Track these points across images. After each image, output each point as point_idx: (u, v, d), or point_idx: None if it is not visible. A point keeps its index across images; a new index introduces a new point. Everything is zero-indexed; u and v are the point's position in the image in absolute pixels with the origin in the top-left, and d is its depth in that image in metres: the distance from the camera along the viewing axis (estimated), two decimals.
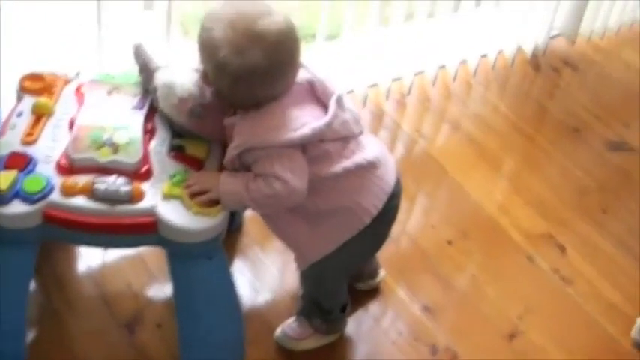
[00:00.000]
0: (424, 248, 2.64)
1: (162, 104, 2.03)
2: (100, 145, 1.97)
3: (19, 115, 2.10)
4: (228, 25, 1.88)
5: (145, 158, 1.99)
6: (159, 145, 2.05)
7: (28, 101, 2.12)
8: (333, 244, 2.06)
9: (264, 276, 2.48)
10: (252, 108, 1.94)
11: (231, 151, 1.96)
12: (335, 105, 1.98)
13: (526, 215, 2.81)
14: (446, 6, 3.17)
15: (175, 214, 1.93)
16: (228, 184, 1.95)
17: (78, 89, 2.17)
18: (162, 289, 2.35)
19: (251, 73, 1.89)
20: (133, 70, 2.16)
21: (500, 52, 3.46)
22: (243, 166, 1.97)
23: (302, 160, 1.94)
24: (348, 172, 2.01)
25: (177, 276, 2.04)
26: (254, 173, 1.94)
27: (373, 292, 2.48)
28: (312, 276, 2.16)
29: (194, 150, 2.06)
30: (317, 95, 2.01)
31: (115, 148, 1.98)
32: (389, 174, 2.09)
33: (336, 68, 2.94)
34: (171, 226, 1.92)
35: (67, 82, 2.20)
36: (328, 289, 2.21)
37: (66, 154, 1.98)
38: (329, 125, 1.95)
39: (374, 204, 2.04)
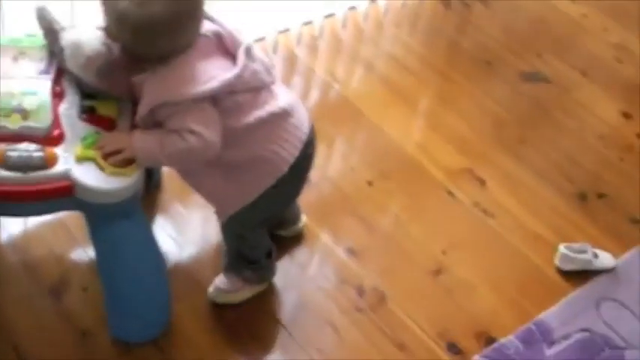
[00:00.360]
0: (345, 191, 2.66)
1: (70, 64, 2.00)
2: (9, 112, 1.94)
3: None
4: None
5: (56, 122, 1.97)
6: (69, 107, 2.02)
7: None
8: (251, 195, 2.07)
9: (186, 231, 2.48)
10: (158, 63, 1.93)
11: (142, 109, 1.95)
12: (244, 56, 1.97)
13: (445, 151, 2.84)
14: None
15: (90, 176, 1.91)
16: (141, 142, 1.94)
17: None
18: (85, 253, 2.33)
19: (152, 24, 1.87)
20: (37, 33, 2.13)
21: None
22: (155, 124, 1.96)
23: (214, 113, 1.94)
24: (261, 122, 2.01)
25: (97, 238, 2.03)
26: (167, 129, 1.92)
27: (297, 239, 2.49)
28: (233, 228, 2.16)
29: (105, 110, 2.04)
30: (226, 47, 2.00)
31: (25, 114, 1.95)
32: (302, 121, 2.10)
33: (244, 15, 2.91)
34: (87, 188, 1.90)
35: None
36: (250, 239, 2.21)
37: None
38: (238, 77, 1.95)
39: (290, 152, 2.05)
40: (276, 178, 2.05)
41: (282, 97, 2.06)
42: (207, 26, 1.98)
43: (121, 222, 1.98)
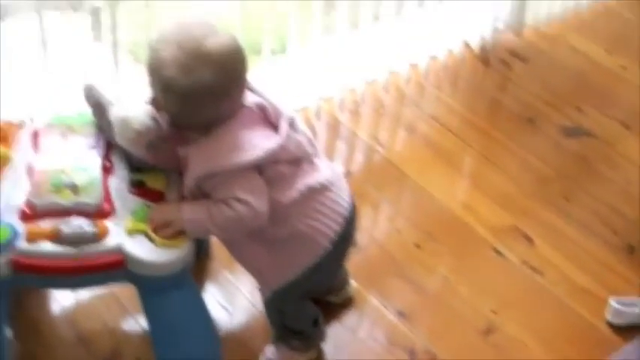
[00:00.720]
0: (393, 254, 2.66)
1: (119, 140, 2.04)
2: (60, 188, 1.99)
3: None
4: (175, 46, 1.89)
5: (106, 196, 2.01)
6: (118, 181, 2.06)
7: None
8: (294, 271, 2.08)
9: (236, 299, 2.49)
10: (202, 134, 1.96)
11: (189, 181, 1.98)
12: (286, 125, 2.00)
13: (490, 210, 2.83)
14: (389, 9, 3.19)
15: (142, 249, 1.94)
16: (190, 213, 1.97)
17: (32, 134, 2.17)
18: (137, 324, 2.35)
19: (198, 91, 1.90)
20: (85, 110, 2.18)
21: (449, 50, 3.51)
22: (203, 195, 1.98)
23: (260, 181, 1.96)
24: (302, 196, 2.03)
25: (150, 309, 2.05)
26: (215, 199, 1.95)
27: (346, 304, 2.49)
28: (276, 303, 2.17)
29: (154, 183, 2.08)
30: (269, 119, 2.03)
31: (76, 189, 1.99)
32: (342, 196, 2.12)
33: (285, 83, 2.96)
34: (138, 261, 1.93)
35: (20, 128, 2.20)
36: (293, 312, 2.21)
37: (28, 201, 1.98)
38: (282, 146, 1.97)
39: (331, 227, 2.07)
40: (317, 256, 2.07)
41: (323, 170, 2.09)
42: (250, 98, 2.01)
43: (173, 292, 2.01)
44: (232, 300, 2.48)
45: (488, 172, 2.99)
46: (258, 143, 1.96)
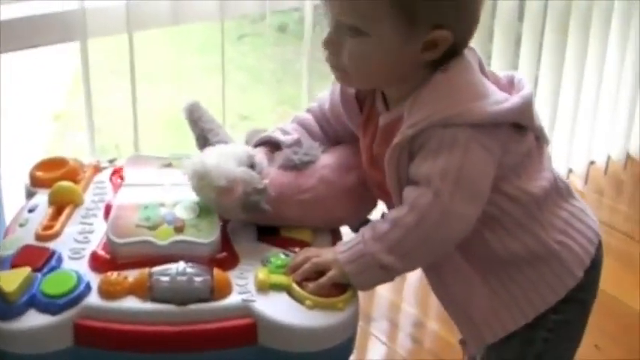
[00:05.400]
0: None
1: (201, 199, 1.36)
2: (156, 224, 1.30)
3: (32, 210, 1.44)
4: None
5: (224, 237, 1.31)
6: (240, 226, 1.37)
7: (43, 196, 1.46)
8: (527, 314, 1.35)
9: None
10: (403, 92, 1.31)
11: (408, 132, 1.28)
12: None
13: None
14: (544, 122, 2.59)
15: (284, 311, 1.24)
16: (349, 250, 1.29)
17: (114, 174, 1.53)
18: None
19: None
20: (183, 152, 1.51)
21: (609, 157, 2.97)
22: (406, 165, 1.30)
23: (491, 165, 1.28)
24: (552, 189, 1.36)
25: None
26: (409, 177, 1.28)
27: None
28: None
29: (292, 232, 1.39)
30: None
31: (180, 225, 1.30)
32: (589, 209, 1.43)
33: None
34: (279, 329, 1.22)
35: (98, 169, 1.57)
36: None
37: (106, 242, 1.29)
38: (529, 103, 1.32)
39: (585, 248, 1.38)
40: (566, 288, 1.36)
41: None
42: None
43: None
44: None
45: None
46: (503, 95, 1.30)
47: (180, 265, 1.25)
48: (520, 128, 1.32)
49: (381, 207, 1.44)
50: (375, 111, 1.38)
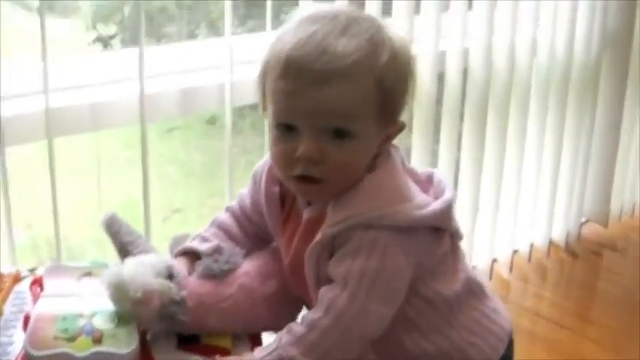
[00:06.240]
0: None
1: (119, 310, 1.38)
2: (74, 335, 1.31)
3: None
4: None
5: (144, 346, 1.32)
6: (159, 335, 1.38)
7: None
8: None
9: None
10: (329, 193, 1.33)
11: (329, 230, 1.31)
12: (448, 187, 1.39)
13: None
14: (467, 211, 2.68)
15: None
16: (268, 356, 1.30)
17: (34, 284, 1.53)
18: None
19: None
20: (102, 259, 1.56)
21: (531, 244, 3.01)
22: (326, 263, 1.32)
23: (408, 268, 1.31)
24: (464, 291, 1.40)
25: None
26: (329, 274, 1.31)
27: None
28: None
29: (212, 339, 1.40)
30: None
31: (98, 335, 1.32)
32: (502, 307, 1.47)
33: None
34: None
35: (18, 278, 1.57)
36: None
37: (24, 355, 1.30)
38: (450, 206, 1.36)
39: (494, 347, 1.41)
40: None
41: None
42: None
43: None
44: None
45: None
46: (425, 198, 1.34)
47: None
48: (438, 230, 1.35)
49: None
50: (296, 206, 1.40)
